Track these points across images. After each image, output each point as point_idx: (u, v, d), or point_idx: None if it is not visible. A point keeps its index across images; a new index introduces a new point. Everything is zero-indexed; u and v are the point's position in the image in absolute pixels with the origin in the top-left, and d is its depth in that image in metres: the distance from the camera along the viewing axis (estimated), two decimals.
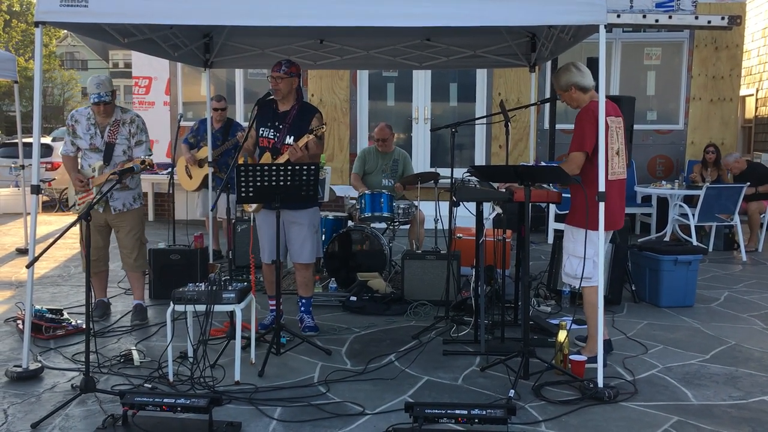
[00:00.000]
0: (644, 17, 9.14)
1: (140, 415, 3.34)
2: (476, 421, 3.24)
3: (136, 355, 4.35)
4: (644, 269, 5.99)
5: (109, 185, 5.03)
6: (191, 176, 7.66)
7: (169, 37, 5.74)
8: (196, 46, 6.34)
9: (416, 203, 6.50)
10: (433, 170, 6.37)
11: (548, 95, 9.59)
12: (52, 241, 3.62)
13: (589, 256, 4.16)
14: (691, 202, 8.43)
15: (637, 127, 6.60)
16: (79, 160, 5.25)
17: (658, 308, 5.79)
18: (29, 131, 13.53)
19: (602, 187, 3.90)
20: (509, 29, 6.07)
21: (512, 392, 3.78)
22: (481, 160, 10.54)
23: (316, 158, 4.87)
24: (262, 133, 4.93)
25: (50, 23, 4.09)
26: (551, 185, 4.68)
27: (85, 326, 3.86)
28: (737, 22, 9.51)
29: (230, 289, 4.07)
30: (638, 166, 10.01)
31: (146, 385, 3.96)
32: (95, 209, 5.14)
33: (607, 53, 3.85)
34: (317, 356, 4.50)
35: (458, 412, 3.25)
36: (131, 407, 3.31)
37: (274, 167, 4.37)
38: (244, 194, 4.42)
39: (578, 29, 4.61)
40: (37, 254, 3.76)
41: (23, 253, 8.09)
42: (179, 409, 3.32)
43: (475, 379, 4.15)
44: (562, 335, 4.22)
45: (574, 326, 5.02)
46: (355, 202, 6.80)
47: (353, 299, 5.73)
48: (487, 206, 4.89)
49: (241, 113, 10.85)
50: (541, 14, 3.86)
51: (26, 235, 8.42)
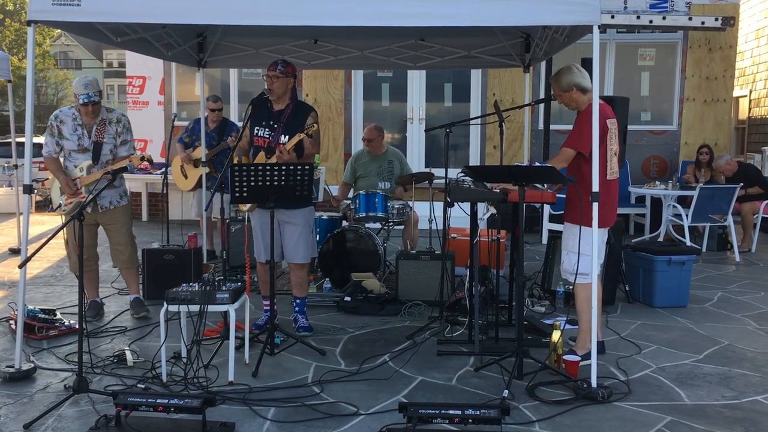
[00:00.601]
0: (638, 18, 9.17)
1: (133, 415, 3.33)
2: (470, 421, 3.24)
3: (129, 355, 4.34)
4: (638, 269, 6.00)
5: (103, 183, 5.03)
6: (186, 176, 7.64)
7: (162, 36, 5.73)
8: (189, 45, 6.33)
9: (410, 203, 6.50)
10: (427, 170, 6.37)
11: (542, 96, 9.60)
12: (44, 241, 3.61)
13: (586, 252, 4.18)
14: (684, 202, 8.45)
15: (630, 127, 6.59)
16: (61, 160, 5.23)
17: (651, 308, 5.80)
18: (23, 131, 13.47)
19: (596, 187, 3.92)
20: (503, 29, 6.07)
21: (506, 392, 3.79)
22: (475, 160, 10.55)
23: (310, 158, 4.86)
24: (256, 132, 4.92)
25: (43, 22, 4.07)
26: (545, 186, 4.68)
27: (78, 326, 3.84)
28: (731, 23, 9.54)
29: (224, 289, 4.06)
30: (632, 166, 10.04)
31: (139, 385, 3.95)
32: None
33: (601, 54, 3.86)
34: (311, 356, 4.50)
35: (452, 412, 3.25)
36: (124, 408, 3.30)
37: (268, 167, 4.36)
38: (238, 194, 4.41)
39: (572, 30, 4.62)
40: (29, 254, 3.74)
41: (16, 252, 8.06)
42: (173, 409, 3.31)
43: (469, 379, 4.15)
44: (556, 335, 4.22)
45: (567, 326, 5.02)
46: (349, 202, 6.79)
47: (347, 299, 5.72)
48: (481, 206, 4.88)
49: (235, 113, 10.82)
50: (535, 14, 3.86)
51: (19, 234, 8.39)
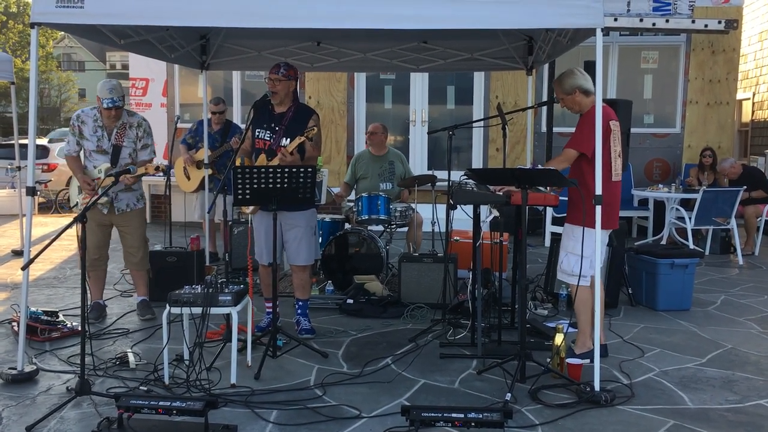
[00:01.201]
0: (641, 21, 9.17)
1: (136, 417, 3.33)
2: (473, 424, 3.22)
3: (131, 357, 4.34)
4: (641, 272, 5.99)
5: (119, 187, 5.16)
6: (189, 177, 7.64)
7: (165, 38, 5.74)
8: (192, 47, 6.34)
9: (413, 206, 6.49)
10: (430, 173, 6.37)
11: (545, 98, 9.59)
12: (47, 243, 3.60)
13: (587, 254, 4.18)
14: (687, 205, 8.43)
15: (634, 130, 6.57)
16: (83, 162, 5.27)
17: (654, 312, 5.79)
18: (26, 132, 13.48)
19: (599, 190, 3.92)
20: (506, 32, 6.06)
21: (509, 395, 3.77)
22: (478, 162, 10.55)
23: (313, 160, 4.86)
24: (258, 134, 4.92)
25: (46, 24, 4.08)
26: (548, 188, 4.68)
27: (80, 328, 3.84)
28: (734, 26, 9.54)
29: (227, 291, 4.05)
30: (635, 169, 10.02)
31: (142, 387, 3.94)
32: (99, 209, 5.21)
33: (604, 57, 3.86)
34: (314, 359, 4.49)
35: (455, 415, 3.23)
36: (127, 410, 3.30)
37: (270, 169, 4.36)
38: (241, 196, 4.41)
39: (576, 32, 4.62)
40: (32, 256, 3.74)
41: (19, 254, 8.07)
42: (175, 412, 3.30)
43: (471, 382, 4.14)
44: (558, 338, 4.22)
45: (570, 329, 5.01)
46: (352, 204, 6.79)
47: (350, 302, 5.72)
48: (484, 209, 4.88)
49: (238, 115, 10.83)
50: (538, 17, 3.86)
51: (22, 236, 8.40)
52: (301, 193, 4.45)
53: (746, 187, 8.26)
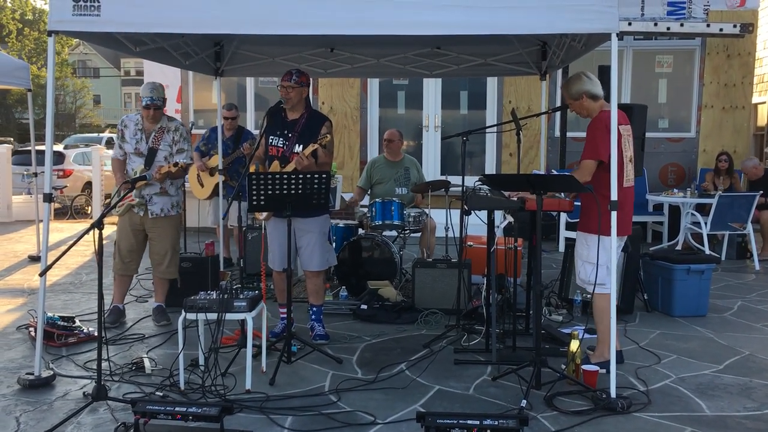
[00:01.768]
0: (656, 25, 9.13)
1: (152, 423, 3.34)
2: (488, 431, 3.21)
3: (147, 363, 4.36)
4: (657, 278, 5.95)
5: (150, 189, 5.22)
6: (203, 184, 7.68)
7: (180, 45, 5.77)
8: (207, 54, 6.37)
9: (427, 211, 6.49)
10: (443, 178, 6.37)
11: (559, 103, 9.57)
12: (65, 249, 3.63)
13: (602, 262, 4.16)
14: (703, 210, 8.37)
15: (648, 135, 6.55)
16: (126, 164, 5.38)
17: (670, 318, 5.75)
18: (42, 139, 13.60)
19: (615, 196, 3.89)
20: (520, 38, 6.06)
21: (524, 402, 3.76)
22: (491, 167, 10.53)
23: (326, 167, 4.87)
24: (271, 141, 4.93)
25: (63, 32, 4.12)
26: (563, 194, 4.66)
27: (96, 334, 3.86)
28: (749, 29, 9.47)
29: (241, 297, 4.07)
30: (650, 174, 9.96)
31: (158, 393, 3.96)
32: (135, 212, 5.28)
33: (618, 61, 3.83)
34: (328, 365, 4.49)
35: (470, 422, 3.22)
36: (143, 415, 3.31)
37: (285, 176, 4.37)
38: (255, 202, 4.43)
39: (590, 37, 4.61)
40: (50, 262, 3.76)
41: (35, 260, 8.13)
42: (191, 417, 3.31)
43: (486, 388, 4.13)
44: (574, 345, 4.19)
45: (586, 335, 4.98)
46: (365, 210, 6.80)
47: (364, 307, 5.72)
48: (498, 215, 4.87)
49: (251, 121, 10.88)
50: (553, 22, 3.85)
51: (38, 242, 8.47)
52: (315, 199, 4.46)
53: (762, 191, 8.19)
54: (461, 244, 5.34)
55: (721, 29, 9.38)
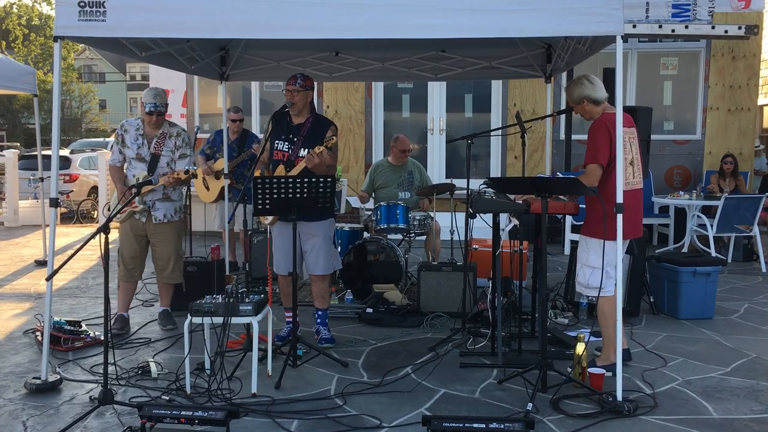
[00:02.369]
0: (660, 27, 9.10)
1: (158, 427, 3.35)
2: None
3: (153, 367, 4.37)
4: (663, 281, 5.93)
5: (153, 195, 5.19)
6: (208, 188, 7.70)
7: (185, 50, 5.80)
8: (212, 59, 6.40)
9: (432, 214, 6.49)
10: (448, 181, 6.36)
11: (564, 106, 9.55)
12: (71, 253, 3.64)
13: (600, 265, 4.17)
14: (709, 212, 8.35)
15: (654, 137, 6.54)
16: (125, 170, 5.35)
17: (677, 320, 5.73)
18: (48, 144, 13.64)
19: (620, 198, 3.89)
20: (525, 40, 6.06)
21: (530, 405, 3.75)
22: (496, 170, 10.52)
23: (332, 169, 4.87)
24: (276, 145, 4.94)
25: (69, 38, 4.13)
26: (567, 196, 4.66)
27: (103, 338, 3.87)
28: (755, 31, 9.44)
29: (247, 301, 4.07)
30: (655, 176, 9.95)
31: (164, 397, 3.96)
32: (137, 218, 5.25)
33: (623, 64, 3.83)
34: (334, 368, 4.50)
35: (476, 425, 3.22)
36: (149, 419, 3.32)
37: (290, 179, 4.38)
38: (260, 206, 4.43)
39: (594, 40, 4.60)
40: (56, 267, 3.78)
41: (42, 264, 8.16)
42: (197, 421, 3.32)
43: (492, 391, 4.12)
44: (580, 348, 4.18)
45: (592, 338, 4.97)
46: (370, 213, 6.80)
47: (369, 311, 5.72)
48: (503, 218, 4.87)
49: (257, 124, 10.90)
50: (557, 25, 3.85)
51: (45, 246, 8.50)
52: (320, 202, 4.47)
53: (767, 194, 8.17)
54: (466, 247, 5.33)
55: (726, 31, 9.35)
